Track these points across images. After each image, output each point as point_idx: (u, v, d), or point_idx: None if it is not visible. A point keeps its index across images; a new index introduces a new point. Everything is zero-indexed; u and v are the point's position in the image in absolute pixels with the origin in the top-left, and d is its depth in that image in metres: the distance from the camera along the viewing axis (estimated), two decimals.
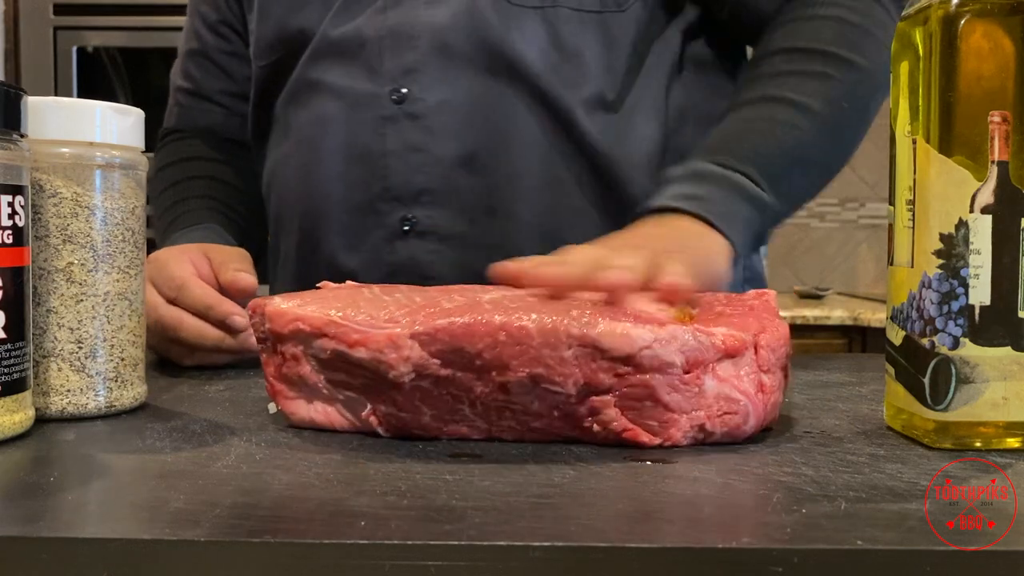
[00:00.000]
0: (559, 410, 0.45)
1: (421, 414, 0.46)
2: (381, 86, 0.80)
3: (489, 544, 0.32)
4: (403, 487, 0.38)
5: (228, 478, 0.39)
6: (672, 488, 0.38)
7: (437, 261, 0.80)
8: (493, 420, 0.46)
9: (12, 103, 0.46)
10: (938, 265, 0.44)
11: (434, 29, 0.79)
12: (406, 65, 0.80)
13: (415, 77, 0.79)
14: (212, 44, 0.95)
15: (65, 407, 0.51)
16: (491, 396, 0.45)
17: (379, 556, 0.31)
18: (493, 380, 0.44)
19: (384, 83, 0.80)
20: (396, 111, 0.80)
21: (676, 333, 0.44)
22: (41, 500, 0.37)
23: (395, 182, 0.80)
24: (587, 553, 0.31)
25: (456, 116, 0.79)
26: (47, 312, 0.50)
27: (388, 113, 0.80)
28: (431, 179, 0.79)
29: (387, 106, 0.80)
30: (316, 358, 0.47)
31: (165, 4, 2.20)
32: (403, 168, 0.80)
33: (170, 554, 0.32)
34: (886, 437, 0.48)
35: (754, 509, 0.36)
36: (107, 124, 0.51)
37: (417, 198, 0.80)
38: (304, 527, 0.33)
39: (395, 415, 0.46)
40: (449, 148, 0.79)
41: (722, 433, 0.45)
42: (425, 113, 0.79)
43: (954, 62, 0.44)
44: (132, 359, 0.53)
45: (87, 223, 0.51)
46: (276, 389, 0.50)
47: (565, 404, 0.45)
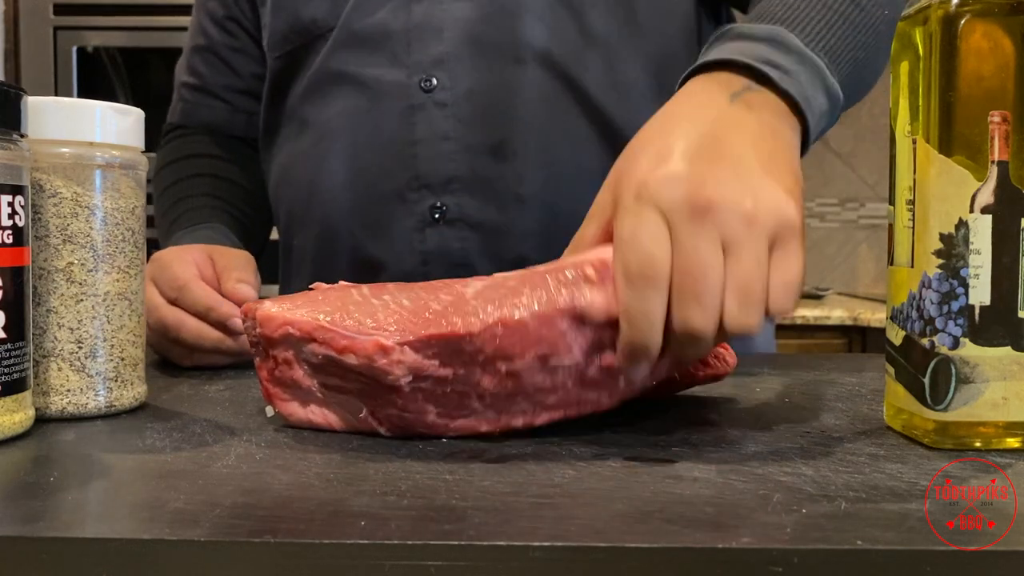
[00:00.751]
0: (572, 378, 0.46)
1: (426, 413, 0.46)
2: (409, 76, 0.80)
3: (489, 544, 0.32)
4: (403, 487, 0.38)
5: (228, 478, 0.39)
6: (672, 488, 0.38)
7: (468, 248, 0.80)
8: (504, 408, 0.46)
9: (12, 103, 0.46)
10: (938, 265, 0.44)
11: (461, 21, 0.80)
12: (435, 56, 0.80)
13: (444, 67, 0.80)
14: (219, 40, 0.95)
15: (65, 407, 0.51)
16: (501, 384, 0.45)
17: (379, 556, 0.31)
18: (500, 371, 0.45)
19: (412, 73, 0.80)
20: (425, 99, 0.80)
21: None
22: (41, 500, 0.37)
23: (425, 170, 0.80)
24: (587, 553, 0.31)
25: (485, 105, 0.80)
26: (47, 312, 0.50)
27: (417, 102, 0.80)
28: (460, 167, 0.80)
29: (416, 95, 0.80)
30: (308, 363, 0.47)
31: (165, 4, 2.20)
32: (432, 156, 0.80)
33: (170, 554, 0.32)
34: (886, 437, 0.48)
35: (754, 509, 0.36)
36: (107, 124, 0.51)
37: (447, 186, 0.80)
38: (304, 527, 0.33)
39: (398, 415, 0.46)
40: (478, 136, 0.79)
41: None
42: (454, 101, 0.80)
43: (954, 62, 0.44)
44: (132, 359, 0.53)
45: (87, 223, 0.51)
46: (271, 392, 0.50)
47: (576, 370, 0.45)
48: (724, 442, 0.47)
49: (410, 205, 0.81)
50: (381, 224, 0.82)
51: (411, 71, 0.80)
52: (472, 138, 0.80)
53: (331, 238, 0.85)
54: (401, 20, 0.81)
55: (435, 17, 0.80)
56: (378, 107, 0.81)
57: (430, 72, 0.80)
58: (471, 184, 0.80)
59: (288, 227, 0.91)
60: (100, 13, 2.18)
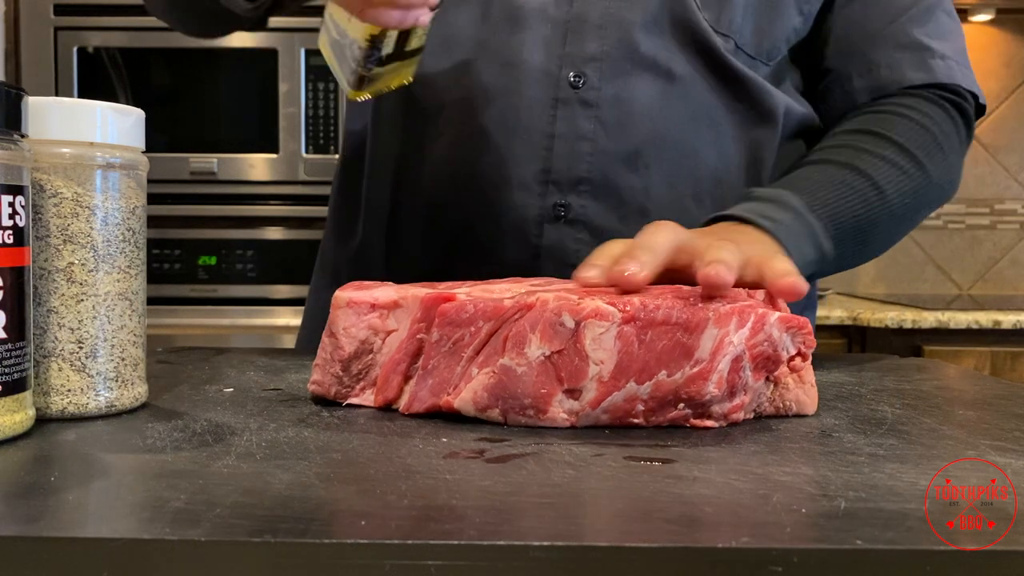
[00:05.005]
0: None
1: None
2: (559, 67, 0.79)
3: (489, 544, 0.32)
4: (403, 487, 0.38)
5: (228, 478, 0.39)
6: (672, 488, 0.38)
7: (582, 251, 0.79)
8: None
9: (13, 103, 0.46)
10: None
11: (623, 24, 0.79)
12: (589, 52, 0.79)
13: (596, 66, 0.79)
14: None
15: (65, 407, 0.51)
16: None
17: (379, 556, 0.31)
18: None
19: (564, 65, 0.79)
20: (571, 95, 0.79)
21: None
22: (41, 500, 0.37)
23: (557, 166, 0.79)
24: (587, 553, 0.31)
25: (628, 112, 0.79)
26: (48, 312, 0.50)
27: (563, 96, 0.79)
28: (592, 170, 0.79)
29: (564, 89, 0.79)
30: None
31: None
32: (568, 154, 0.79)
33: (170, 554, 0.32)
34: (886, 437, 0.48)
35: (754, 509, 0.36)
36: (107, 124, 0.51)
37: (575, 186, 0.79)
38: (304, 527, 0.33)
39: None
40: (615, 143, 0.79)
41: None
42: (599, 103, 0.79)
43: None
44: (132, 359, 0.53)
45: (88, 223, 0.51)
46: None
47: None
48: (724, 442, 0.47)
49: (535, 197, 0.79)
50: (496, 209, 0.80)
51: (562, 62, 0.79)
52: (609, 144, 0.79)
53: (440, 205, 0.82)
54: (563, 9, 0.79)
55: (597, 14, 0.79)
56: (522, 91, 0.79)
57: (581, 68, 0.79)
58: (599, 189, 0.79)
59: (398, 181, 0.87)
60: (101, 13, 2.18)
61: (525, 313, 0.49)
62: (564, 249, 0.79)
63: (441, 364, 0.51)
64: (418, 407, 0.52)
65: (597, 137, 0.79)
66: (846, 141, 0.80)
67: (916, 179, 0.79)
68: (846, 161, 0.77)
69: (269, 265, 2.16)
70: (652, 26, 0.79)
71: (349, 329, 0.54)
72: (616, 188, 0.79)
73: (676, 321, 0.49)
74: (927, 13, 0.83)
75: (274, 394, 0.58)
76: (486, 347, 0.50)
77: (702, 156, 0.81)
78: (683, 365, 0.49)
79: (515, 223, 0.80)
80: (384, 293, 0.55)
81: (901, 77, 0.82)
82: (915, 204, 0.79)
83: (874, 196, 0.76)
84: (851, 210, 0.75)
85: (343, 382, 0.55)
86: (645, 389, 0.49)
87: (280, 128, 2.15)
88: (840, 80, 0.84)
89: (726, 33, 0.80)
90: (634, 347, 0.48)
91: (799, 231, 0.70)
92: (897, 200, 0.77)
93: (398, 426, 0.50)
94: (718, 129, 0.81)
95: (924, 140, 0.79)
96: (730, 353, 0.49)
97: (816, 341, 0.54)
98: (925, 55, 0.82)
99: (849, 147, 0.79)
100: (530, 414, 0.49)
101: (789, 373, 0.53)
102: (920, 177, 0.79)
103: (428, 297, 0.53)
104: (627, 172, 0.79)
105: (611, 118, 0.78)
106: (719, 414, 0.50)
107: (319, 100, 2.15)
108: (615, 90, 0.79)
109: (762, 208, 0.70)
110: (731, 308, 0.50)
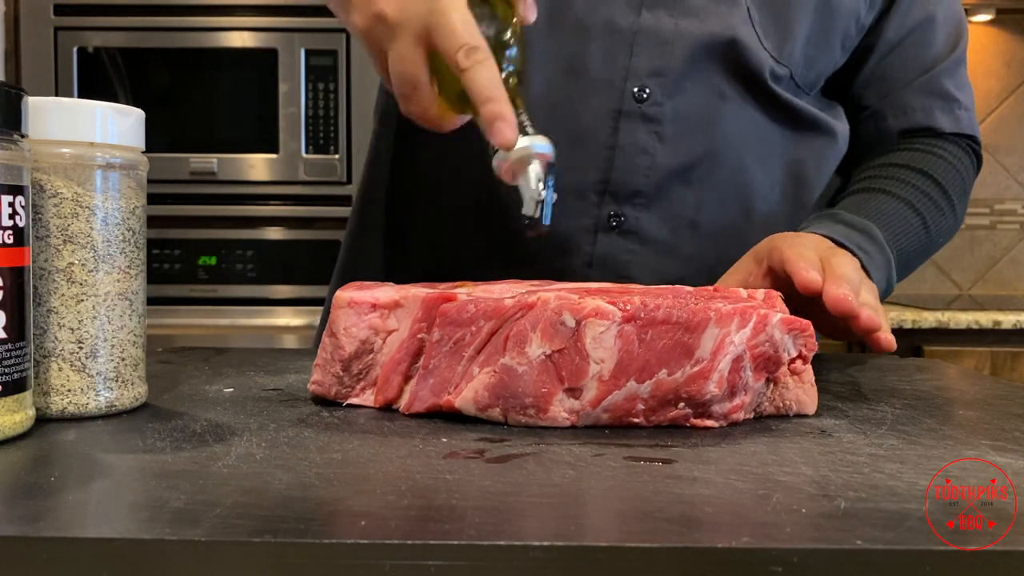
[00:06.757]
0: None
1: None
2: (624, 80, 0.79)
3: (489, 544, 0.32)
4: (403, 487, 0.38)
5: (228, 478, 0.39)
6: (672, 488, 0.38)
7: (633, 261, 0.81)
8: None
9: (13, 103, 0.46)
10: None
11: (689, 40, 0.79)
12: (655, 67, 0.79)
13: (661, 81, 0.79)
14: None
15: (65, 407, 0.51)
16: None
17: (379, 556, 0.31)
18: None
19: (629, 77, 0.79)
20: (635, 109, 0.79)
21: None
22: (41, 500, 0.37)
23: (615, 178, 0.80)
24: (587, 553, 0.31)
25: (687, 127, 0.80)
26: (48, 312, 0.50)
27: (627, 108, 0.79)
28: (648, 183, 0.80)
29: (628, 101, 0.79)
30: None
31: (165, 4, 2.19)
32: (628, 167, 0.79)
33: (170, 554, 0.32)
34: (886, 437, 0.48)
35: (754, 509, 0.36)
36: (107, 124, 0.51)
37: (631, 198, 0.80)
38: (304, 527, 0.33)
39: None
40: (672, 157, 0.80)
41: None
42: (660, 118, 0.79)
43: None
44: (133, 359, 0.53)
45: (88, 223, 0.51)
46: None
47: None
48: (724, 442, 0.47)
49: (590, 206, 0.80)
50: (556, 215, 0.79)
51: (628, 75, 0.79)
52: (668, 159, 0.79)
53: (492, 208, 0.81)
54: (629, 21, 0.79)
55: (664, 29, 0.79)
56: (585, 100, 0.79)
57: (646, 82, 0.79)
58: (653, 201, 0.80)
59: (448, 183, 0.85)
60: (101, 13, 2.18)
61: (526, 312, 0.49)
62: (616, 259, 0.81)
63: (442, 364, 0.51)
64: (419, 407, 0.52)
65: (656, 151, 0.79)
66: (899, 175, 0.86)
67: (949, 219, 0.87)
68: (905, 197, 0.84)
69: (269, 265, 2.17)
70: (714, 47, 0.79)
71: (350, 329, 0.54)
72: (669, 201, 0.80)
73: (677, 320, 0.49)
74: (955, 65, 0.91)
75: (274, 394, 0.58)
76: (487, 346, 0.50)
77: (750, 173, 0.83)
78: (683, 364, 0.49)
79: (568, 231, 0.80)
80: (385, 293, 0.55)
81: (932, 122, 0.90)
82: (943, 241, 0.89)
83: (923, 234, 0.84)
84: (908, 246, 0.82)
85: (343, 382, 0.55)
86: (645, 388, 0.49)
87: (280, 128, 2.15)
88: (875, 117, 0.91)
89: (785, 63, 0.82)
90: (634, 346, 0.48)
91: (881, 264, 0.75)
92: (936, 238, 0.86)
93: (398, 426, 0.50)
94: (765, 148, 0.83)
95: (957, 183, 0.88)
96: (731, 353, 0.49)
97: (816, 342, 0.54)
98: (953, 105, 0.91)
99: (902, 182, 0.85)
100: (531, 413, 0.49)
101: (789, 374, 0.53)
102: (952, 217, 0.87)
103: (429, 297, 0.53)
104: (681, 186, 0.80)
105: (669, 133, 0.79)
106: (719, 414, 0.50)
107: (319, 100, 2.15)
108: (675, 105, 0.79)
109: (856, 238, 0.75)
110: (732, 308, 0.50)
